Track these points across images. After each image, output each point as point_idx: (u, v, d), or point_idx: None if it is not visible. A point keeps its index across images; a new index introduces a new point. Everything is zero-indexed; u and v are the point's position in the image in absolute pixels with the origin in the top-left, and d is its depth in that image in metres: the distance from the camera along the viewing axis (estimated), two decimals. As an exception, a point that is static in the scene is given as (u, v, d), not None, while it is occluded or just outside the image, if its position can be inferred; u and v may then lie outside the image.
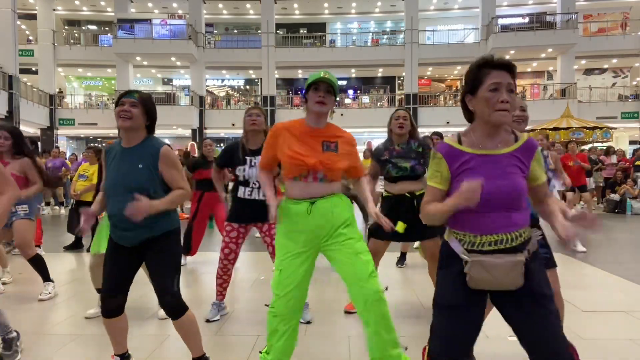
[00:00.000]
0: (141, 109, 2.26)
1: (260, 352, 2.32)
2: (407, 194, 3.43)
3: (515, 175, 1.59)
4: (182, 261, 5.36)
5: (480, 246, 1.58)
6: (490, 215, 1.57)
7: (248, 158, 3.36)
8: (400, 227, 3.36)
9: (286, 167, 2.22)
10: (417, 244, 5.52)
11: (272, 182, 2.38)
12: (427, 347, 1.67)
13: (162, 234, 2.32)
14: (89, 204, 5.95)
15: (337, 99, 2.28)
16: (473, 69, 1.63)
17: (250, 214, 3.37)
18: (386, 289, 2.09)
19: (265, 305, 2.23)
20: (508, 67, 1.59)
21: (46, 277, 4.13)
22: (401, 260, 5.35)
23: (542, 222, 2.48)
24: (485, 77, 1.58)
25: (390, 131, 3.56)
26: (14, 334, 2.68)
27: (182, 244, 5.40)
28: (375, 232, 3.40)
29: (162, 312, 3.52)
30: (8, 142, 3.91)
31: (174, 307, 2.30)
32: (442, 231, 3.52)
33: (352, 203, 2.41)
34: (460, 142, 1.64)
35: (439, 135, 5.78)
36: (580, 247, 6.16)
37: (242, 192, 3.37)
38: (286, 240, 2.21)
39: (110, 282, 2.32)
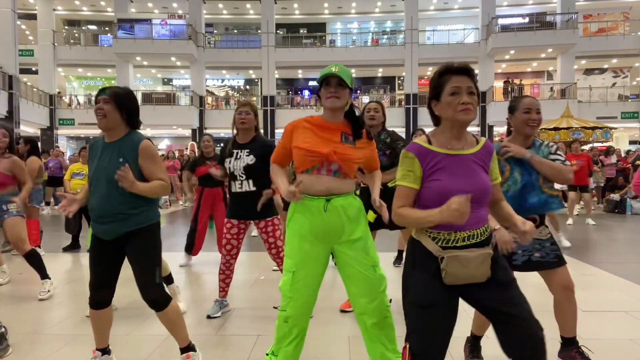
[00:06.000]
0: (113, 105, 2.29)
1: (267, 354, 2.28)
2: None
3: (482, 173, 1.69)
4: (187, 261, 5.39)
5: (455, 242, 1.66)
6: None
7: (235, 151, 3.37)
8: (370, 216, 3.37)
9: (298, 160, 2.14)
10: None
11: (283, 172, 2.26)
12: (407, 346, 1.67)
13: (141, 228, 2.35)
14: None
15: (353, 90, 2.18)
16: (435, 77, 1.73)
17: (246, 209, 3.37)
18: (390, 301, 2.10)
19: (274, 307, 2.20)
20: (467, 72, 1.68)
21: (44, 275, 4.13)
22: (398, 259, 5.34)
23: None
24: (446, 83, 1.68)
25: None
26: (3, 329, 2.73)
27: (186, 244, 5.41)
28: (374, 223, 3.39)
29: None
30: (6, 139, 4.11)
31: (157, 299, 2.37)
32: None
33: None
34: (429, 142, 1.72)
35: (422, 131, 5.81)
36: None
37: (234, 186, 3.39)
38: (300, 239, 2.13)
39: (96, 276, 2.39)
